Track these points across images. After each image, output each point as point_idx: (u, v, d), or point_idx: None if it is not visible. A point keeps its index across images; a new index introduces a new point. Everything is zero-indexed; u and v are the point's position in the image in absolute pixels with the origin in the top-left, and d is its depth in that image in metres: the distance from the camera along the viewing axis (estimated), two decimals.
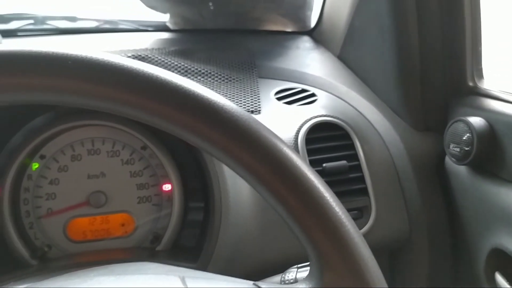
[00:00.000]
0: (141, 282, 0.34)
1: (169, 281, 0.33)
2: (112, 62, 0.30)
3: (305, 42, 1.01)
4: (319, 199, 0.32)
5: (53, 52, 0.29)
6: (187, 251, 0.67)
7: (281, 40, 1.02)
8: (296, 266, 0.43)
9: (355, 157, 0.71)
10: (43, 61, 0.29)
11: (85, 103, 0.30)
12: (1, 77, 0.28)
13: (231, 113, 0.31)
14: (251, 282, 0.36)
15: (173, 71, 0.83)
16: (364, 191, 0.70)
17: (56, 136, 0.65)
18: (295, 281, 0.41)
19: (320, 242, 0.32)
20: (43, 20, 1.03)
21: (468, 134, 0.64)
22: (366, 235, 0.67)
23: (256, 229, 0.65)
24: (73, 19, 1.06)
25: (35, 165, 0.65)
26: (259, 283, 0.36)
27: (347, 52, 0.90)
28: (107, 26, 1.04)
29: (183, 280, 0.33)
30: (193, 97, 0.30)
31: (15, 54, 0.29)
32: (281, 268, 0.43)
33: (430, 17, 0.71)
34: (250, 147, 0.31)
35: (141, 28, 1.05)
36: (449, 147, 0.68)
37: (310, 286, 0.33)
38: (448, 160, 0.72)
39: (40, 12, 1.06)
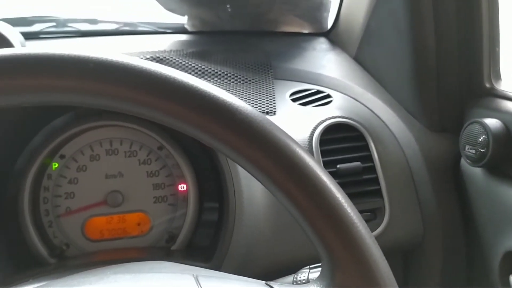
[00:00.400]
0: (156, 280, 0.34)
1: (183, 280, 0.34)
2: (131, 64, 0.31)
3: (321, 44, 1.01)
4: (330, 199, 0.32)
5: (75, 55, 0.30)
6: (201, 250, 0.67)
7: (297, 41, 1.03)
8: (308, 266, 0.43)
9: (370, 158, 0.71)
10: (66, 63, 0.30)
11: (104, 104, 0.31)
12: (25, 79, 0.30)
13: (245, 114, 0.32)
14: (263, 282, 0.37)
15: (190, 73, 0.84)
16: (378, 193, 0.70)
17: (75, 137, 0.67)
18: (307, 281, 0.41)
19: (331, 243, 0.32)
20: (64, 22, 1.06)
21: (484, 136, 0.63)
22: (379, 237, 0.67)
23: (269, 230, 0.65)
24: (93, 21, 1.08)
25: (55, 165, 0.67)
26: (271, 283, 0.36)
27: (363, 53, 0.90)
28: (126, 28, 1.06)
29: (196, 278, 0.34)
30: (209, 98, 0.31)
31: (39, 57, 0.30)
32: (294, 268, 0.44)
33: (447, 18, 0.71)
34: (263, 148, 0.32)
35: (159, 30, 1.06)
36: (464, 149, 0.67)
37: (322, 286, 0.34)
38: (464, 162, 0.71)
39: (61, 15, 1.08)
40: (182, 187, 0.69)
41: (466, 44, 0.71)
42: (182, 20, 1.09)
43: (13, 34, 0.76)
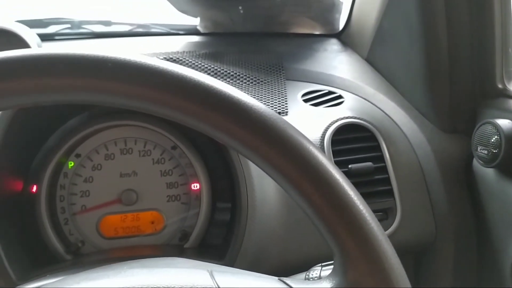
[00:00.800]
0: (172, 275, 0.35)
1: (198, 275, 0.34)
2: (149, 64, 0.31)
3: (333, 45, 1.02)
4: (344, 197, 0.32)
5: (94, 55, 0.31)
6: (214, 249, 0.68)
7: (309, 42, 1.03)
8: (320, 264, 0.43)
9: (381, 158, 0.71)
10: (86, 62, 0.31)
11: (123, 103, 0.32)
12: (46, 78, 0.30)
13: (260, 113, 0.32)
14: (276, 278, 0.37)
15: (203, 73, 0.84)
16: (389, 193, 0.70)
17: (90, 136, 0.68)
18: (319, 278, 0.42)
19: (344, 240, 0.32)
20: (79, 24, 1.08)
21: (496, 137, 0.63)
22: (391, 237, 0.67)
23: (281, 228, 0.66)
24: (107, 23, 1.10)
25: (70, 164, 0.68)
26: (284, 279, 0.37)
27: (375, 54, 0.90)
28: (140, 30, 1.08)
29: (211, 274, 0.35)
30: (225, 98, 0.32)
31: (60, 57, 0.31)
32: (305, 266, 0.44)
33: (459, 18, 0.71)
34: (277, 146, 0.32)
35: (172, 31, 1.08)
36: (476, 150, 0.67)
37: (334, 283, 0.34)
38: (476, 163, 0.71)
39: (76, 17, 1.10)
40: (195, 186, 0.70)
41: (479, 45, 0.71)
42: (195, 22, 1.10)
43: (30, 35, 0.78)
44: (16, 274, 0.57)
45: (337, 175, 0.33)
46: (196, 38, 1.05)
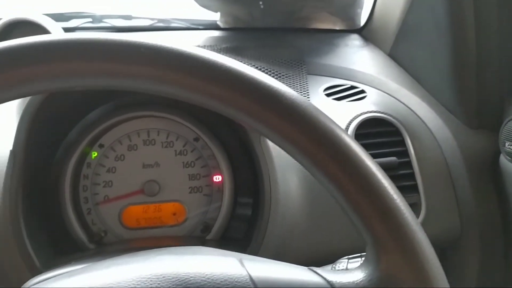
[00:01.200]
0: (201, 261, 0.34)
1: (228, 262, 0.34)
2: (181, 50, 0.31)
3: (354, 40, 1.01)
4: (377, 185, 0.32)
5: (127, 40, 0.31)
6: (235, 242, 0.68)
7: (329, 38, 1.02)
8: (347, 257, 0.43)
9: (406, 153, 0.70)
10: (119, 47, 0.31)
11: (156, 89, 0.32)
12: (79, 62, 0.30)
13: (292, 99, 0.32)
14: (306, 267, 0.37)
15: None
16: (414, 188, 0.69)
17: (114, 127, 0.68)
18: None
19: (378, 229, 0.32)
20: (100, 18, 1.08)
21: None
22: None
23: (304, 222, 0.65)
24: (128, 17, 1.10)
25: (94, 154, 0.68)
26: (314, 268, 0.36)
27: (398, 49, 0.89)
28: (160, 24, 1.08)
29: (241, 261, 0.34)
30: (256, 83, 0.32)
31: (93, 41, 0.31)
32: (329, 261, 0.44)
33: (488, 11, 0.69)
34: (308, 132, 0.32)
35: (192, 26, 1.08)
36: (504, 145, 0.66)
37: (366, 273, 0.34)
38: (503, 159, 0.70)
39: (97, 11, 1.11)
40: (217, 178, 0.70)
41: (507, 39, 0.70)
42: (215, 16, 1.10)
43: (56, 28, 0.78)
44: (41, 262, 0.58)
45: (369, 163, 0.33)
46: (216, 33, 1.05)
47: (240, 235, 0.69)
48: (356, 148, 0.33)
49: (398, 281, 0.31)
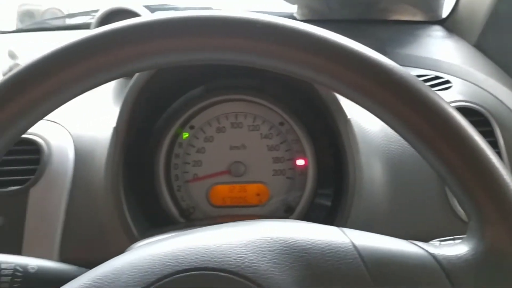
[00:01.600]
0: (305, 228, 0.35)
1: (329, 230, 0.35)
2: (294, 26, 0.32)
3: (437, 31, 0.99)
4: (485, 160, 0.32)
5: (244, 16, 0.33)
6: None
7: (410, 29, 1.01)
8: (438, 239, 0.43)
9: (495, 144, 0.68)
10: (237, 23, 0.33)
11: (272, 65, 0.33)
12: (195, 38, 0.33)
13: (400, 74, 0.33)
14: (408, 241, 0.37)
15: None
16: None
17: (204, 109, 0.72)
18: None
19: (483, 203, 0.31)
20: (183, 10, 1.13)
21: None
22: None
23: (389, 209, 0.65)
24: (208, 9, 1.14)
25: (185, 135, 0.72)
26: (417, 242, 0.36)
27: (486, 40, 0.87)
28: None
29: (342, 230, 0.35)
30: (366, 58, 0.33)
31: (213, 18, 0.33)
32: None
33: None
34: (415, 104, 0.32)
35: None
36: None
37: (470, 247, 0.33)
38: None
39: (180, 4, 1.16)
40: (300, 162, 0.71)
41: None
42: (292, 9, 1.11)
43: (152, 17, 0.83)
44: (138, 232, 0.62)
45: (475, 136, 0.32)
46: None
47: (320, 220, 0.71)
48: (463, 122, 0.33)
49: (503, 254, 0.31)
